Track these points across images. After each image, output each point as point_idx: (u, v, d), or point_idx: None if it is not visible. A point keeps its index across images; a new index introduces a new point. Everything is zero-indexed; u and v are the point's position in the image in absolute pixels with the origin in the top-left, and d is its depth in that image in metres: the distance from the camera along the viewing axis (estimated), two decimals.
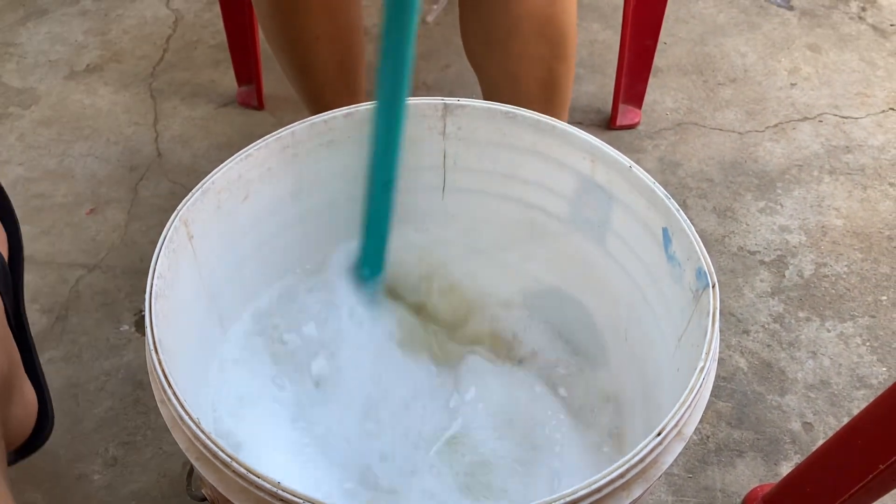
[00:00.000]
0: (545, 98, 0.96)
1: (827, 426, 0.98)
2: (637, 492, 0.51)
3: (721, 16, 1.60)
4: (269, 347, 0.79)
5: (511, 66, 0.93)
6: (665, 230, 0.66)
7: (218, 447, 0.50)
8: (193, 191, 0.66)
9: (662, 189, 0.66)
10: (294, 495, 0.48)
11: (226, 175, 0.68)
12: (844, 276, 1.15)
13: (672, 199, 0.65)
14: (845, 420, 0.98)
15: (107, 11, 1.60)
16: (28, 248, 1.17)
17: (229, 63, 1.39)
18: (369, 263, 0.81)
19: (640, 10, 1.22)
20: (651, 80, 1.34)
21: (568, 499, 0.48)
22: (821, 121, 1.39)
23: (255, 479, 0.49)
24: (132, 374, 1.02)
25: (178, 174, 1.28)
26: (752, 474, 0.94)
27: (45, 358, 1.04)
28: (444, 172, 0.81)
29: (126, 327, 1.07)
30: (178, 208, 0.64)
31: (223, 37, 1.36)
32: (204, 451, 0.51)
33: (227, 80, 1.44)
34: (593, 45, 1.54)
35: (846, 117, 1.39)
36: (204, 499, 0.60)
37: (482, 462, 0.75)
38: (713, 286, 0.60)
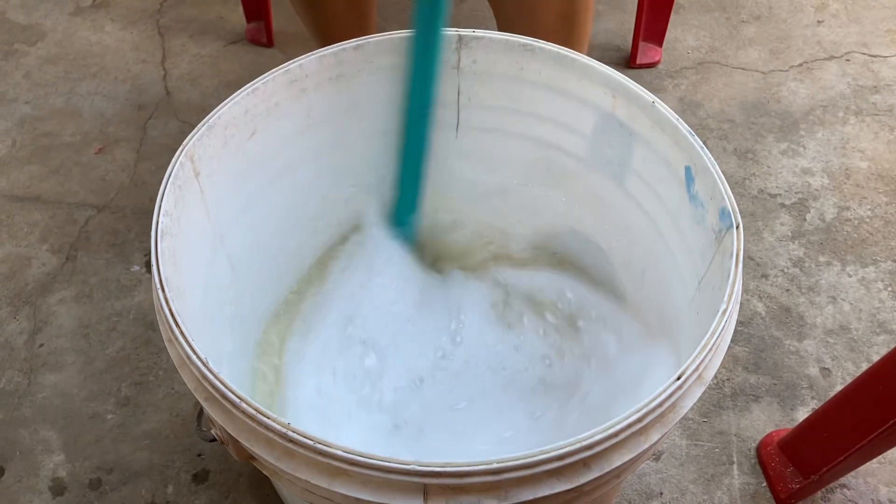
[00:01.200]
0: (563, 33, 0.92)
1: (845, 372, 0.97)
2: (654, 437, 0.50)
3: None
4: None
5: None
6: (688, 169, 0.63)
7: (227, 387, 0.49)
8: (199, 126, 0.64)
9: (686, 125, 0.63)
10: (304, 436, 0.47)
11: (232, 110, 0.66)
12: (867, 219, 1.12)
13: (696, 136, 0.62)
14: (865, 366, 0.96)
15: None
16: (36, 187, 1.16)
17: None
18: (405, 203, 0.80)
19: None
20: (672, 16, 1.30)
21: (584, 443, 0.46)
22: (848, 59, 1.34)
23: (265, 419, 0.48)
24: (143, 314, 1.02)
25: (187, 113, 1.26)
26: (768, 419, 0.93)
27: (55, 298, 1.03)
28: (458, 109, 0.78)
29: (136, 268, 1.07)
30: (184, 144, 0.62)
31: None
32: (212, 391, 0.50)
33: (235, 16, 1.41)
34: None
35: (874, 56, 1.34)
36: (213, 439, 0.59)
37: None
38: (737, 226, 0.58)
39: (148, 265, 1.07)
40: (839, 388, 0.94)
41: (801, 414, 0.93)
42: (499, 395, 0.77)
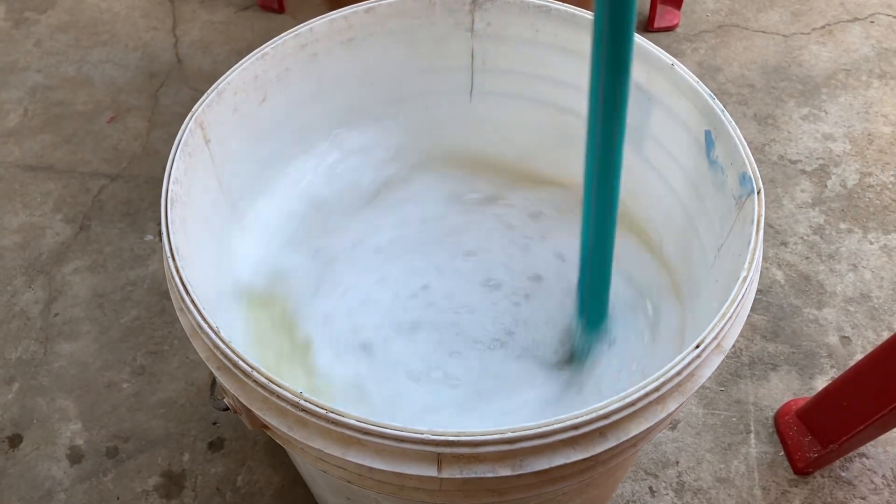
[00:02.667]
0: None
1: (866, 340, 0.95)
2: (672, 406, 0.49)
3: None
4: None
5: None
6: (708, 133, 0.62)
7: (238, 356, 0.49)
8: (208, 92, 0.63)
9: (706, 89, 0.61)
10: (317, 405, 0.46)
11: (241, 76, 0.65)
12: (891, 186, 1.10)
13: (716, 99, 0.61)
14: (886, 335, 0.95)
15: None
16: (49, 156, 1.15)
17: None
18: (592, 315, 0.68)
19: None
20: None
21: (601, 411, 0.46)
22: (872, 21, 1.30)
23: (277, 388, 0.47)
24: (157, 283, 1.02)
25: (199, 80, 1.25)
26: (786, 388, 0.92)
27: (70, 267, 1.03)
28: (472, 73, 0.77)
29: (150, 237, 1.06)
30: (193, 110, 0.61)
31: None
32: (224, 360, 0.50)
33: None
34: None
35: None
36: (226, 408, 0.59)
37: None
38: (758, 192, 0.56)
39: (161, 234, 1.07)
40: (859, 356, 0.93)
41: (820, 383, 0.92)
42: None
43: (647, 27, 1.29)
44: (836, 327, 0.97)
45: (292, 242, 0.80)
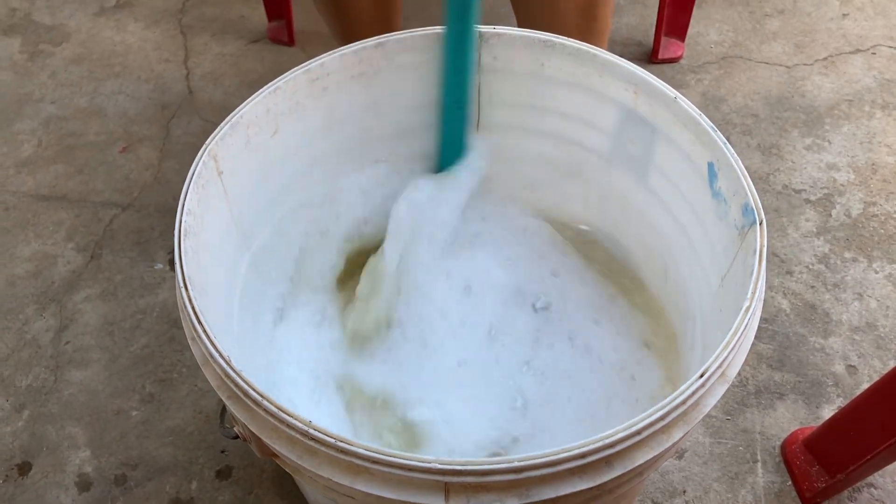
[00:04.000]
0: (584, 27, 0.91)
1: (872, 369, 0.96)
2: (677, 434, 0.50)
3: None
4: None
5: None
6: (711, 164, 0.63)
7: (249, 385, 0.50)
8: (222, 125, 0.64)
9: (709, 121, 0.63)
10: (326, 434, 0.47)
11: (254, 109, 0.66)
12: (895, 215, 1.10)
13: (719, 132, 0.62)
14: (892, 363, 0.95)
15: None
16: (62, 186, 1.17)
17: None
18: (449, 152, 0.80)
19: None
20: (695, 11, 1.29)
21: (607, 440, 0.46)
22: (874, 53, 1.32)
23: (287, 417, 0.48)
24: (167, 312, 1.03)
25: (210, 112, 1.27)
26: (793, 417, 0.92)
27: (81, 295, 1.04)
28: (479, 107, 0.78)
29: (160, 266, 1.08)
30: (207, 143, 0.63)
31: None
32: (235, 389, 0.50)
33: (257, 15, 1.41)
34: None
35: None
36: (236, 436, 0.59)
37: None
38: (760, 223, 0.57)
39: (171, 263, 1.08)
40: (866, 385, 0.93)
41: (827, 412, 0.92)
42: None
43: (652, 59, 1.31)
44: (842, 356, 0.97)
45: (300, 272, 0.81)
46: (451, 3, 0.68)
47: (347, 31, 1.05)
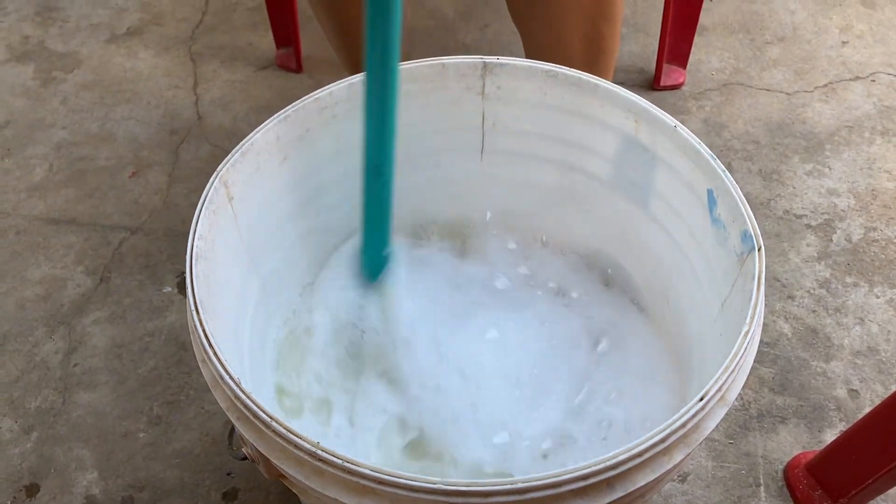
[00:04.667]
0: (589, 59, 0.93)
1: (874, 394, 0.96)
2: (678, 457, 0.51)
3: None
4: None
5: (555, 23, 0.90)
6: (710, 191, 0.64)
7: (258, 407, 0.51)
8: (233, 152, 0.66)
9: (708, 149, 0.64)
10: (333, 455, 0.48)
11: (264, 137, 0.68)
12: (895, 240, 1.12)
13: (718, 160, 0.63)
14: (894, 388, 0.96)
15: None
16: (72, 210, 1.19)
17: (268, 25, 1.38)
18: (368, 267, 0.75)
19: None
20: (696, 39, 1.31)
21: (609, 462, 0.47)
22: (873, 80, 1.34)
23: (295, 438, 0.49)
24: (175, 334, 1.04)
25: (218, 137, 1.29)
26: (795, 441, 0.92)
27: (90, 318, 1.06)
28: (483, 134, 0.80)
29: (168, 289, 1.09)
30: (218, 170, 0.65)
31: None
32: (244, 410, 0.52)
33: (265, 42, 1.44)
34: (636, 2, 1.50)
35: None
36: (245, 458, 0.60)
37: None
38: (759, 249, 0.58)
39: (179, 286, 1.09)
40: (868, 409, 0.93)
41: (829, 436, 0.93)
42: None
43: (654, 86, 1.33)
44: (844, 380, 0.98)
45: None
46: (371, 49, 0.62)
47: (352, 55, 1.07)
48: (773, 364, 0.99)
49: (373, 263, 0.75)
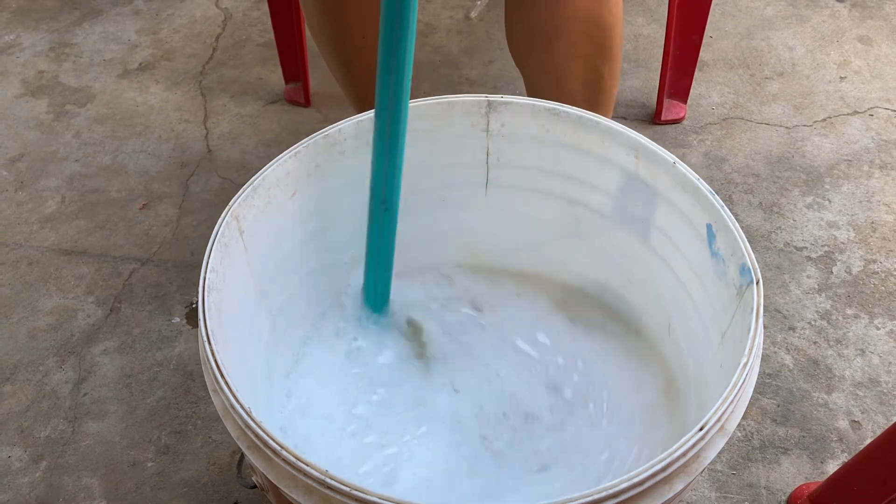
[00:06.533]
0: (590, 98, 0.96)
1: (876, 425, 0.97)
2: (679, 486, 0.52)
3: (769, 9, 1.58)
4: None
5: (556, 65, 0.93)
6: (709, 226, 0.66)
7: (268, 436, 0.52)
8: (244, 187, 0.68)
9: (707, 185, 0.66)
10: (342, 483, 0.49)
11: (275, 172, 0.70)
12: (895, 272, 1.13)
13: (716, 195, 0.65)
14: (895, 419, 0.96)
15: (158, 11, 1.64)
16: (83, 241, 1.21)
17: (277, 61, 1.41)
18: (372, 297, 0.79)
19: (686, 4, 1.21)
20: (697, 74, 1.33)
21: (610, 491, 0.48)
22: (871, 115, 1.36)
23: (304, 466, 0.50)
24: (183, 364, 1.05)
25: (228, 170, 1.31)
26: (798, 472, 0.93)
27: (99, 348, 1.07)
28: (487, 169, 0.82)
29: (177, 319, 1.11)
30: (230, 204, 0.66)
31: (271, 35, 1.38)
32: (255, 439, 0.53)
33: (274, 77, 1.47)
34: (638, 39, 1.53)
35: None
36: (254, 486, 0.62)
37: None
38: (757, 282, 0.60)
39: (188, 317, 1.11)
40: (869, 440, 0.94)
41: (832, 467, 0.93)
42: None
43: (655, 120, 1.35)
44: (845, 412, 0.98)
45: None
46: (382, 92, 0.66)
47: (359, 91, 1.10)
48: (774, 395, 1.00)
49: (377, 294, 0.77)
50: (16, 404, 1.02)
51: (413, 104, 0.74)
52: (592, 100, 0.95)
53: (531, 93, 1.01)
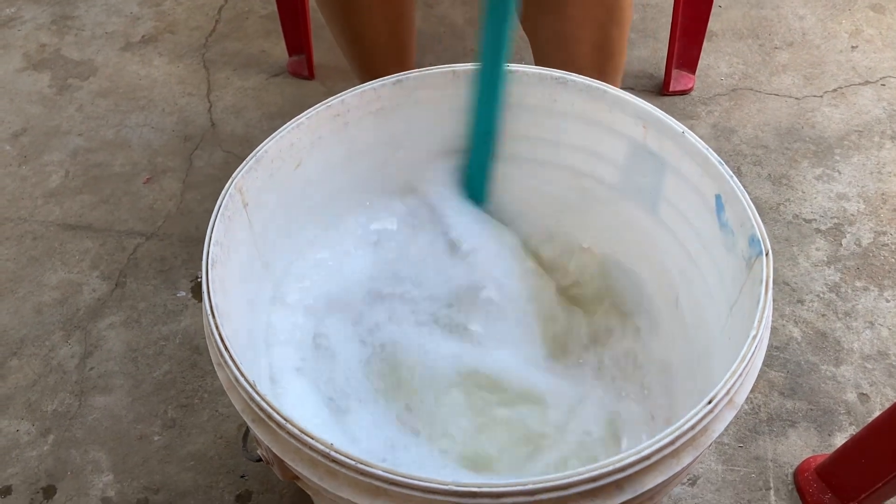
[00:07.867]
0: (598, 64, 0.94)
1: (884, 398, 0.96)
2: (687, 459, 0.51)
3: None
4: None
5: (565, 29, 0.91)
6: (718, 197, 0.65)
7: (273, 409, 0.52)
8: (247, 159, 0.67)
9: (716, 155, 0.65)
10: (347, 457, 0.49)
11: (278, 144, 0.69)
12: None
13: (725, 166, 0.64)
14: None
15: None
16: (88, 216, 1.20)
17: (280, 33, 1.40)
18: (476, 183, 0.84)
19: None
20: (705, 44, 1.31)
21: (618, 464, 0.48)
22: (883, 84, 1.34)
23: (309, 440, 0.50)
24: (189, 338, 1.05)
25: (232, 143, 1.30)
26: (805, 445, 0.93)
27: (105, 323, 1.07)
28: None
29: (183, 293, 1.10)
30: (233, 177, 0.66)
31: (274, 7, 1.37)
32: (259, 412, 0.53)
33: (278, 50, 1.45)
34: (646, 8, 1.50)
35: None
36: (259, 459, 0.61)
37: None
38: (766, 254, 0.59)
39: (193, 291, 1.11)
40: (877, 413, 0.94)
41: (839, 440, 0.93)
42: None
43: (663, 91, 1.34)
44: (853, 384, 0.98)
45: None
46: (486, 41, 0.71)
47: (363, 61, 1.08)
48: (782, 368, 0.99)
49: (479, 184, 0.83)
50: (23, 378, 1.02)
51: (417, 74, 0.73)
52: (601, 67, 0.94)
53: (538, 60, 0.99)
